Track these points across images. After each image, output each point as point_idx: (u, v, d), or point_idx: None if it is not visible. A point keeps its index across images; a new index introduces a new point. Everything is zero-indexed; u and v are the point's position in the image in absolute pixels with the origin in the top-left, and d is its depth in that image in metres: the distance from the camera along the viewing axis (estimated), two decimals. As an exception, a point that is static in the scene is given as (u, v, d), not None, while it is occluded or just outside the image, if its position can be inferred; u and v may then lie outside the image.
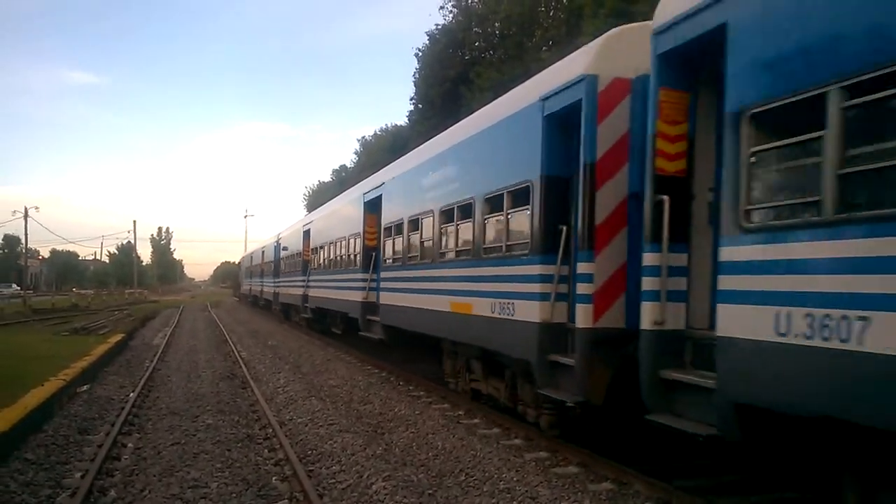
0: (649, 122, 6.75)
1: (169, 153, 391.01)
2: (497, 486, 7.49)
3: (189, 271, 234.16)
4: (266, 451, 9.24)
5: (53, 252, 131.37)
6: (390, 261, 15.32)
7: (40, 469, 8.15)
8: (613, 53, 7.83)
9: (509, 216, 9.49)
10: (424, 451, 8.95)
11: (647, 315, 6.56)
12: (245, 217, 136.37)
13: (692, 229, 6.59)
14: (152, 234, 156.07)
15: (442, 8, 40.23)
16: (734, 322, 5.43)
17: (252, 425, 10.84)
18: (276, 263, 36.10)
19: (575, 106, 7.95)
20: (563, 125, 8.43)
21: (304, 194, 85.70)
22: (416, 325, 13.34)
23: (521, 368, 9.31)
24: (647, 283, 6.64)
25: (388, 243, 15.49)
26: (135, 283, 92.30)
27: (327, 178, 78.48)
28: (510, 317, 9.18)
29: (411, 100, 44.09)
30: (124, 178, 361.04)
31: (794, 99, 4.96)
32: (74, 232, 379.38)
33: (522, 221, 9.08)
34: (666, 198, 6.44)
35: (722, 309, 5.58)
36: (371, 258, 16.88)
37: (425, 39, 40.63)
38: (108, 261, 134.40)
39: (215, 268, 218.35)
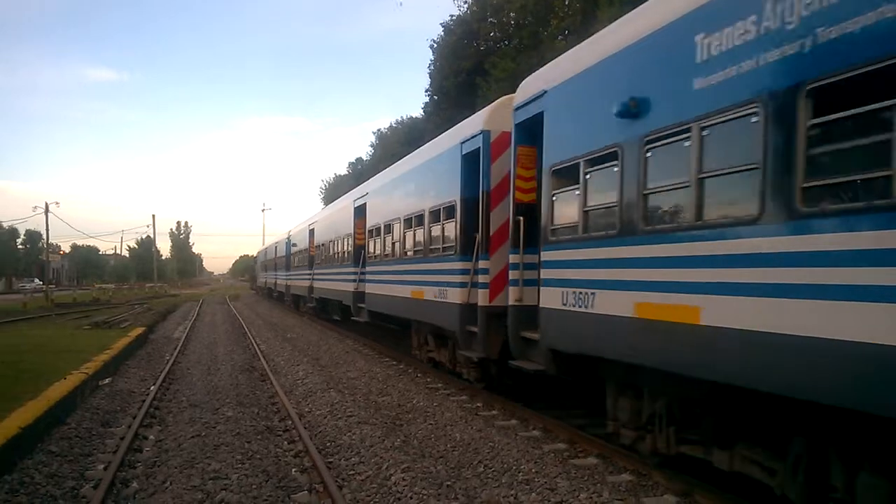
0: (511, 168, 10.09)
1: (188, 147, 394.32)
2: (516, 477, 7.49)
3: (208, 265, 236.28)
4: (286, 442, 9.30)
5: (74, 247, 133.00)
6: (372, 257, 18.55)
7: (64, 461, 8.27)
8: (501, 114, 10.93)
9: (444, 225, 12.83)
10: (443, 443, 8.97)
11: (512, 295, 9.87)
12: (263, 211, 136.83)
13: (540, 239, 9.13)
14: (171, 229, 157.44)
15: (457, -2, 40.02)
16: (547, 298, 8.70)
17: (272, 417, 10.91)
18: (287, 258, 39.89)
19: (478, 150, 11.32)
20: (473, 162, 11.54)
21: (321, 187, 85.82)
22: (391, 309, 16.69)
23: (453, 337, 12.49)
24: (512, 275, 9.98)
25: (371, 243, 18.78)
26: (154, 278, 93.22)
27: (343, 170, 78.65)
28: (444, 300, 12.47)
29: (426, 91, 44.00)
30: (143, 172, 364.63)
31: (568, 164, 8.16)
32: (95, 227, 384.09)
33: (451, 229, 12.41)
34: (521, 218, 9.75)
35: (542, 290, 8.89)
36: (360, 255, 19.96)
37: (440, 31, 40.49)
38: (128, 255, 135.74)
39: (234, 261, 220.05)
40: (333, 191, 68.40)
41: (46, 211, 62.96)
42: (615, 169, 7.13)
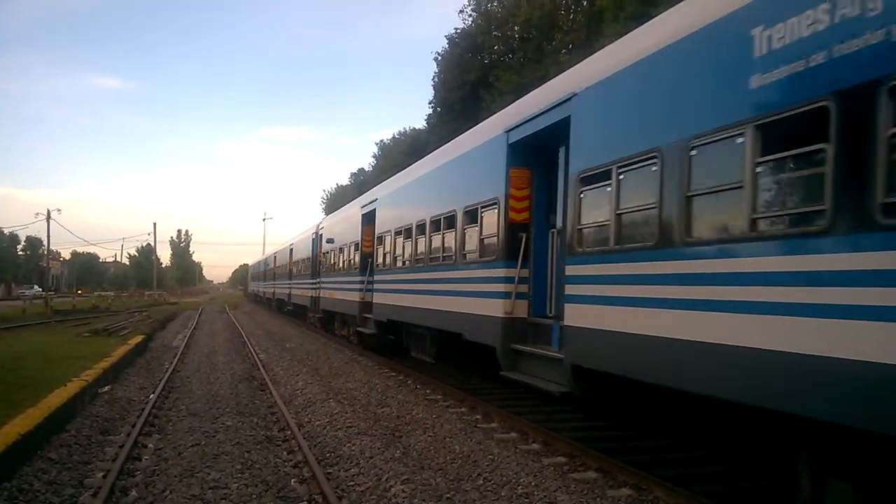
0: (321, 247, 28.23)
1: (190, 156, 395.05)
2: (515, 490, 7.48)
3: (208, 273, 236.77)
4: (285, 452, 9.28)
5: (74, 254, 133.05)
6: (297, 274, 36.18)
7: (63, 468, 8.24)
8: (322, 226, 29.05)
9: (306, 263, 32.37)
10: (442, 455, 8.95)
11: (326, 294, 26.34)
12: (264, 220, 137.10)
13: (321, 271, 28.23)
14: (172, 237, 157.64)
15: (461, 12, 40.27)
16: (324, 295, 26.76)
17: (271, 427, 10.89)
18: (265, 273, 59.55)
19: (315, 238, 29.54)
20: (315, 242, 29.84)
21: (323, 197, 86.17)
22: (300, 300, 33.72)
23: (310, 310, 30.46)
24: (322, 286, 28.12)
25: (293, 267, 38.27)
26: (154, 285, 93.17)
27: (345, 181, 78.88)
28: (308, 294, 30.67)
29: (430, 103, 44.20)
30: (145, 181, 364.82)
31: (327, 251, 26.99)
32: (95, 234, 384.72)
33: (309, 266, 31.22)
34: (320, 265, 28.60)
35: (321, 292, 27.75)
36: (290, 273, 39.16)
37: (445, 43, 40.71)
38: (128, 263, 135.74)
39: (234, 270, 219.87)
40: (335, 201, 68.60)
41: (48, 218, 63.07)
42: (334, 254, 25.17)
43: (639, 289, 7.02)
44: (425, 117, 48.09)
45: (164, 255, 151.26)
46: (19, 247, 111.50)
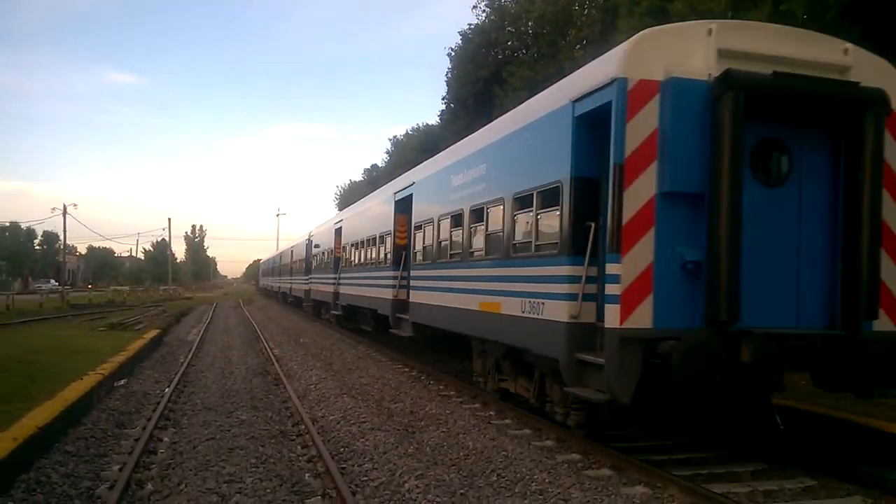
0: (312, 246, 35.78)
1: (204, 151, 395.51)
2: (529, 487, 7.47)
3: (222, 268, 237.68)
4: (299, 447, 9.31)
5: (90, 249, 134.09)
6: (296, 272, 42.31)
7: (80, 461, 8.32)
8: (312, 234, 36.16)
9: (301, 262, 40.22)
10: (456, 451, 8.95)
11: (311, 287, 34.95)
12: (277, 215, 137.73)
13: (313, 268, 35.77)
14: (186, 232, 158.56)
15: (475, 7, 40.07)
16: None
17: (285, 422, 10.94)
18: (273, 269, 66.30)
19: (307, 243, 37.24)
20: (309, 246, 36.53)
21: (336, 193, 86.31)
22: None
23: (306, 301, 37.33)
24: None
25: (290, 266, 45.53)
26: (169, 280, 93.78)
27: (359, 177, 78.99)
28: (309, 288, 36.20)
29: (443, 99, 44.05)
30: (161, 176, 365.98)
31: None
32: (111, 229, 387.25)
33: (301, 266, 39.24)
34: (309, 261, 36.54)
35: (316, 284, 34.28)
36: (290, 270, 44.15)
37: (458, 39, 40.57)
38: (143, 258, 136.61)
39: (247, 265, 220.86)
40: (348, 196, 68.64)
41: (64, 213, 63.65)
42: (319, 257, 32.01)
43: (430, 282, 14.41)
44: (438, 113, 47.94)
45: (179, 251, 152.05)
46: (36, 241, 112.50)
